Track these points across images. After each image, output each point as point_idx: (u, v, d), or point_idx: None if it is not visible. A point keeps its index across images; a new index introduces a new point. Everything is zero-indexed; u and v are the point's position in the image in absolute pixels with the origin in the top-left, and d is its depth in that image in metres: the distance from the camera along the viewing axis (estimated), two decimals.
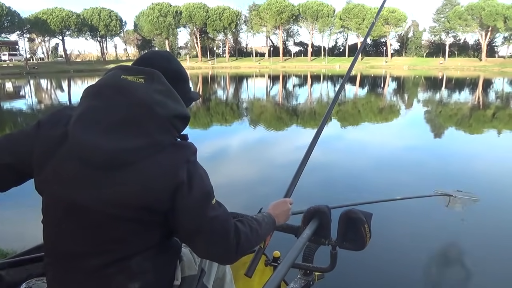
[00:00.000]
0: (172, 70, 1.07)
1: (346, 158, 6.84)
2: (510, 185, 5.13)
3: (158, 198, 0.91)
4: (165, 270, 1.06)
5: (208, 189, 0.98)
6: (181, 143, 0.99)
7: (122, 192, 0.89)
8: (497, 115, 13.09)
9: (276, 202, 1.29)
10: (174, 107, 0.96)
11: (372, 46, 78.17)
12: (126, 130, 0.89)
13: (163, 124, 0.93)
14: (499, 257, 3.11)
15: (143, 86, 0.93)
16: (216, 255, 1.02)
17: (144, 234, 0.95)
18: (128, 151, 0.88)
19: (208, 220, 0.95)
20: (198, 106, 15.64)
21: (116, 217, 0.91)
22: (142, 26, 68.27)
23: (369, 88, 27.06)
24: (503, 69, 52.01)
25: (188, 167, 0.94)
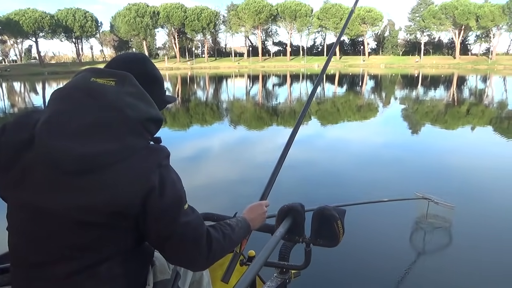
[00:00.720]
0: (146, 73, 1.06)
1: (323, 157, 6.90)
2: (483, 180, 5.28)
3: (129, 203, 0.88)
4: (136, 275, 1.03)
5: (180, 194, 0.96)
6: (154, 147, 0.96)
7: (91, 197, 0.87)
8: (471, 111, 13.47)
9: (251, 205, 1.27)
10: (146, 110, 0.94)
11: (350, 45, 79.32)
12: (96, 134, 0.87)
13: (135, 128, 0.90)
14: (473, 258, 3.17)
15: (113, 89, 0.91)
16: (187, 261, 0.99)
17: (114, 239, 0.93)
18: (99, 155, 0.86)
19: (179, 225, 0.93)
20: (177, 107, 15.49)
21: (85, 223, 0.88)
22: (119, 27, 67.20)
23: (347, 87, 27.42)
24: (475, 66, 53.67)
25: (160, 172, 0.92)
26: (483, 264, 2.99)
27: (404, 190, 4.55)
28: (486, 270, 2.92)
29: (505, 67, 51.15)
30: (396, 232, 3.53)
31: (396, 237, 3.43)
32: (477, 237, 3.48)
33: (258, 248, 1.07)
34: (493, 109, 13.86)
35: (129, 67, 1.01)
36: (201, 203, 2.69)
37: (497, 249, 3.23)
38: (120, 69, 0.98)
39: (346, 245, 1.19)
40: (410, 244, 3.33)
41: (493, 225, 3.72)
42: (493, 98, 18.14)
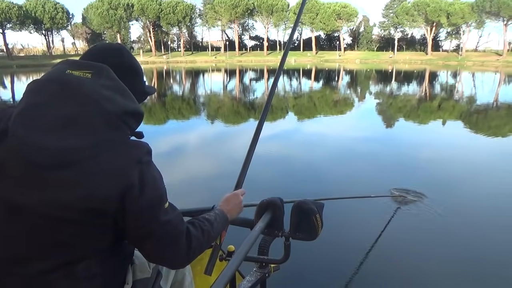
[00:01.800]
0: (124, 64, 1.03)
1: (300, 151, 6.96)
2: (456, 170, 5.46)
3: (105, 200, 0.86)
4: (115, 274, 1.01)
5: (161, 192, 0.94)
6: (134, 142, 0.94)
7: (66, 194, 0.84)
8: (442, 106, 13.88)
9: (227, 196, 1.27)
10: (123, 103, 0.91)
11: (326, 41, 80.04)
12: (71, 127, 0.84)
13: (112, 121, 0.88)
14: (448, 251, 3.27)
15: (89, 81, 0.89)
16: (166, 260, 0.98)
17: (92, 237, 0.91)
18: (74, 150, 0.84)
19: (159, 224, 0.92)
20: (153, 102, 15.24)
21: (60, 220, 0.86)
22: (91, 19, 65.36)
23: (324, 82, 27.69)
24: (446, 62, 55.25)
25: (141, 168, 0.90)
26: (456, 250, 3.12)
27: (380, 184, 4.66)
28: (460, 258, 3.03)
29: (474, 63, 52.90)
30: (373, 227, 3.59)
31: (374, 231, 3.49)
32: (451, 226, 3.62)
33: (238, 243, 1.07)
34: (463, 104, 14.33)
35: (105, 58, 0.98)
36: (179, 197, 2.68)
37: (470, 237, 3.40)
38: (96, 60, 0.96)
39: (324, 238, 1.20)
40: (387, 239, 3.40)
41: (465, 213, 3.87)
42: (463, 94, 18.74)
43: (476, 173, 5.33)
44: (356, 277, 2.78)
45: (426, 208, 3.98)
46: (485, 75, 34.84)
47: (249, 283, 1.35)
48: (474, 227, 3.63)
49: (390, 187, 4.49)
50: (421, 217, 3.80)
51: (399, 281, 2.77)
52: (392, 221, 3.72)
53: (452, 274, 2.84)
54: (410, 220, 3.77)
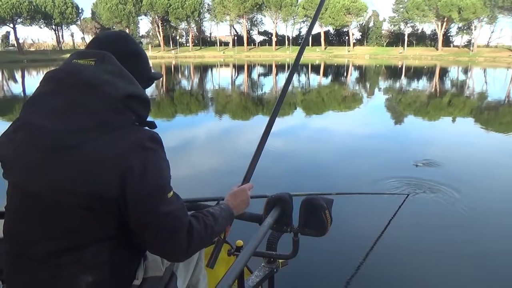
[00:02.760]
0: (128, 50, 1.05)
1: (310, 146, 6.93)
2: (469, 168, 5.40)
3: (105, 183, 0.86)
4: (123, 267, 1.00)
5: (165, 181, 0.93)
6: (139, 128, 0.95)
7: (68, 177, 0.86)
8: (452, 102, 13.71)
9: (234, 191, 1.25)
10: (124, 86, 0.93)
11: (335, 36, 79.44)
12: (71, 111, 0.88)
13: (113, 105, 0.89)
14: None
15: (92, 68, 0.92)
16: (165, 252, 0.96)
17: (96, 223, 0.91)
18: (73, 132, 0.86)
19: (160, 215, 0.90)
20: (162, 97, 15.30)
21: (64, 203, 0.88)
22: (101, 14, 65.67)
23: (332, 77, 27.53)
24: (457, 58, 54.53)
25: (143, 154, 0.89)
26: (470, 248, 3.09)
27: (388, 180, 4.63)
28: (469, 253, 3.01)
29: (485, 59, 52.14)
30: (381, 222, 3.57)
31: (382, 227, 3.48)
32: (465, 224, 3.59)
33: (246, 238, 1.07)
34: (473, 101, 14.14)
35: (109, 45, 1.00)
36: (187, 189, 2.69)
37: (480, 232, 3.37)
38: (100, 48, 0.99)
39: (333, 234, 1.19)
40: (395, 234, 3.38)
41: (476, 209, 3.84)
42: (474, 90, 18.49)
43: (488, 170, 5.26)
44: (364, 273, 2.77)
45: (438, 203, 3.95)
46: (497, 71, 34.33)
47: (258, 278, 1.35)
48: (485, 223, 3.59)
49: (399, 183, 4.46)
50: (432, 212, 3.77)
51: (406, 277, 2.76)
52: (400, 217, 3.69)
53: (459, 272, 2.82)
54: (421, 216, 3.73)
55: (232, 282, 0.82)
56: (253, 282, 1.33)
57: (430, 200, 4.05)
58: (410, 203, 3.99)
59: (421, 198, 4.11)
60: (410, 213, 3.79)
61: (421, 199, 4.08)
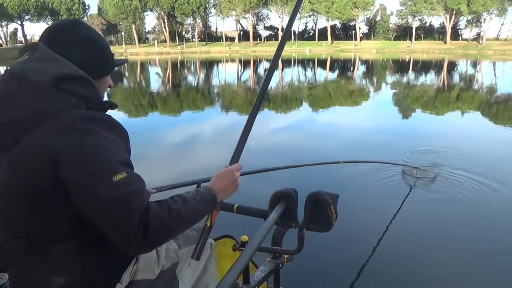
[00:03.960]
0: (81, 37, 1.00)
1: (314, 142, 6.91)
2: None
3: (40, 175, 0.82)
4: (99, 268, 0.94)
5: (107, 164, 0.83)
6: (77, 112, 0.87)
7: (9, 172, 0.86)
8: (461, 96, 13.57)
9: (219, 172, 1.12)
10: (52, 69, 0.88)
11: (341, 30, 78.83)
12: (4, 106, 0.87)
13: (44, 91, 0.86)
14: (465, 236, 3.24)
15: (23, 61, 0.91)
16: (119, 241, 0.85)
17: (48, 219, 0.86)
18: (7, 126, 0.85)
19: (103, 201, 0.81)
20: (168, 92, 15.32)
21: (13, 201, 0.87)
22: (107, 10, 65.80)
23: (339, 72, 27.36)
24: (466, 52, 53.85)
25: (76, 136, 0.83)
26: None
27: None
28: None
29: (495, 52, 51.42)
30: (387, 214, 3.57)
31: (388, 218, 3.47)
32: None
33: (251, 233, 1.06)
34: (482, 94, 13.97)
35: (55, 36, 0.98)
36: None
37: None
38: (46, 40, 0.97)
39: (339, 229, 1.18)
40: (402, 229, 3.37)
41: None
42: (482, 84, 18.26)
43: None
44: (370, 268, 2.76)
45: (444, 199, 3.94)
46: (506, 64, 33.85)
47: (263, 273, 1.35)
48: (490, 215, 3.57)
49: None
50: (436, 208, 3.75)
51: (414, 271, 2.75)
52: (406, 207, 3.68)
53: (474, 267, 2.81)
54: (427, 210, 3.71)
55: (236, 277, 0.82)
56: (259, 277, 1.33)
57: (435, 193, 4.03)
58: (414, 197, 3.98)
59: (425, 192, 4.09)
60: (415, 209, 3.77)
61: (425, 193, 4.06)
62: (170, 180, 4.74)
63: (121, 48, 61.01)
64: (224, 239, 1.76)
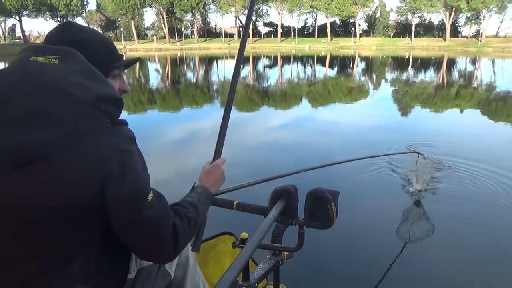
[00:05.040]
0: (88, 41, 0.92)
1: (314, 139, 6.91)
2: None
3: (83, 194, 0.80)
4: (115, 266, 0.97)
5: (144, 184, 0.86)
6: (112, 130, 0.85)
7: (35, 192, 0.78)
8: (460, 93, 13.56)
9: (207, 169, 1.20)
10: (96, 88, 0.83)
11: (341, 27, 78.75)
12: (36, 121, 0.77)
13: (84, 110, 0.81)
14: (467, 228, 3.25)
15: (56, 67, 0.82)
16: (152, 257, 0.93)
17: (81, 235, 0.85)
18: (41, 144, 0.77)
19: (142, 219, 0.85)
20: (167, 89, 15.28)
21: (39, 221, 0.80)
22: (106, 5, 65.57)
23: (338, 69, 27.33)
24: (465, 49, 53.86)
25: (120, 158, 0.82)
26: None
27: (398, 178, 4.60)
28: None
29: (494, 49, 51.41)
30: (390, 213, 3.56)
31: (390, 216, 3.47)
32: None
33: (251, 230, 1.06)
34: (481, 91, 13.97)
35: (68, 39, 0.90)
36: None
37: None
38: (61, 43, 0.88)
39: (340, 226, 1.18)
40: (404, 225, 3.37)
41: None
42: (482, 81, 18.26)
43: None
44: (371, 265, 2.77)
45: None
46: (505, 61, 33.85)
47: (263, 270, 1.34)
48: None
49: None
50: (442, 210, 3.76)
51: (414, 266, 2.75)
52: (407, 209, 3.68)
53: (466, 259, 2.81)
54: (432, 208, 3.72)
55: (236, 275, 0.82)
56: (258, 274, 1.32)
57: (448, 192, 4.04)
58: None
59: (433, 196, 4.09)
60: (416, 204, 3.77)
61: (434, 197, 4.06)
62: (167, 175, 4.73)
63: (120, 44, 60.78)
64: (224, 236, 1.76)
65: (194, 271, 1.36)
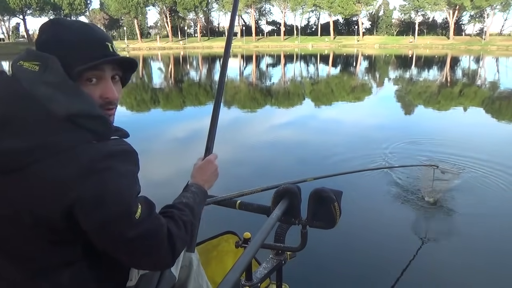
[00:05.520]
0: (50, 41, 0.84)
1: (317, 138, 6.89)
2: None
3: (50, 215, 0.75)
4: (110, 275, 0.93)
5: (127, 204, 0.78)
6: (91, 148, 0.78)
7: (8, 207, 0.76)
8: (464, 92, 13.50)
9: (199, 165, 1.16)
10: (67, 104, 0.77)
11: (344, 25, 78.52)
12: (8, 128, 0.74)
13: (55, 124, 0.76)
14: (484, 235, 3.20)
15: (33, 75, 0.78)
16: (150, 268, 0.93)
17: (60, 248, 0.81)
18: (10, 154, 0.73)
19: (129, 242, 0.79)
20: (171, 88, 15.30)
21: (21, 228, 0.78)
22: (109, 4, 65.68)
23: (341, 68, 27.26)
24: (469, 47, 53.58)
25: (96, 179, 0.75)
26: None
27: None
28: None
29: (498, 47, 51.12)
30: (397, 214, 3.54)
31: (397, 219, 3.44)
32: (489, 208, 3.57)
33: (254, 230, 1.05)
34: (485, 90, 13.90)
35: (42, 37, 0.85)
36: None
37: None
38: (40, 43, 0.84)
39: (343, 226, 1.17)
40: (411, 229, 3.33)
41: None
42: (485, 79, 18.16)
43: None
44: (373, 266, 2.76)
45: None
46: (510, 60, 33.65)
47: (266, 270, 1.34)
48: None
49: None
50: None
51: (417, 268, 2.74)
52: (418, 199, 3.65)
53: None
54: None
55: (239, 275, 0.81)
56: (261, 274, 1.32)
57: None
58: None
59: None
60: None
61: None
62: (165, 173, 4.71)
63: (123, 43, 60.90)
64: (227, 235, 1.75)
65: (197, 272, 1.34)
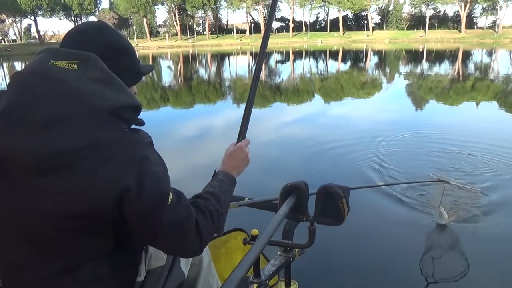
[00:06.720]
0: (106, 43, 0.91)
1: (327, 135, 6.85)
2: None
3: (100, 206, 0.79)
4: (124, 270, 0.97)
5: (163, 189, 0.85)
6: (129, 139, 0.83)
7: (56, 202, 0.78)
8: (476, 86, 13.30)
9: (230, 151, 1.19)
10: (115, 97, 0.81)
11: (353, 20, 77.87)
12: (57, 129, 0.75)
13: (102, 119, 0.79)
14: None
15: (75, 74, 0.79)
16: (178, 253, 0.98)
17: (92, 242, 0.85)
18: (60, 153, 0.75)
19: (165, 225, 0.85)
20: (180, 86, 15.36)
21: (54, 228, 0.81)
22: (118, 4, 66.19)
23: (351, 63, 27.06)
24: (481, 40, 52.74)
25: (138, 168, 0.81)
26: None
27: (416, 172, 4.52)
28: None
29: (511, 40, 50.18)
30: (406, 217, 3.47)
31: (406, 222, 3.39)
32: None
33: (262, 227, 1.05)
34: (499, 84, 13.67)
35: (84, 41, 0.89)
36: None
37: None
38: (75, 45, 0.87)
39: (351, 224, 1.16)
40: (417, 230, 3.28)
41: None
42: (499, 73, 17.86)
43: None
44: (381, 263, 2.74)
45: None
46: None
47: (274, 267, 1.34)
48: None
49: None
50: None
51: (423, 267, 2.71)
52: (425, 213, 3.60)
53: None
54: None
55: (246, 271, 0.81)
56: (270, 271, 1.32)
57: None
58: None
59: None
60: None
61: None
62: (188, 167, 4.73)
63: (133, 42, 61.27)
64: (235, 232, 1.75)
65: (208, 271, 1.35)
